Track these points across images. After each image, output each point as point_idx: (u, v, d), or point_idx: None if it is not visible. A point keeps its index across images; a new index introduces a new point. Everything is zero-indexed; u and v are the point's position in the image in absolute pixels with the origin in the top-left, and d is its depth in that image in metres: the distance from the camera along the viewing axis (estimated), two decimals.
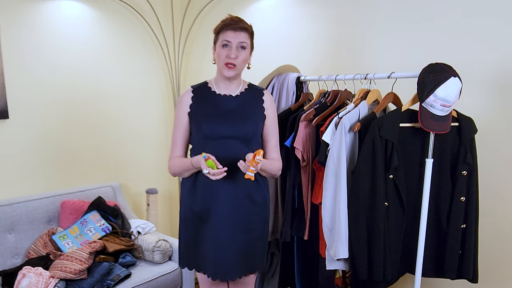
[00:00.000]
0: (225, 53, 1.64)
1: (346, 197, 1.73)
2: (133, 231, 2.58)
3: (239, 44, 1.64)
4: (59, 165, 2.68)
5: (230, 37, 1.63)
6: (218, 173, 1.56)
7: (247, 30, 1.65)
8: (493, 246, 1.92)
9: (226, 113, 1.71)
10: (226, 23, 1.64)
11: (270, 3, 2.66)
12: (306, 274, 2.16)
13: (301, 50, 2.52)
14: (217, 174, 1.56)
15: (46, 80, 2.58)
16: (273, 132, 1.80)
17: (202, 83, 1.80)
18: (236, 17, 1.67)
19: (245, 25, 1.65)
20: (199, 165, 1.61)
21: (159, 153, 3.23)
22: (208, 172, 1.56)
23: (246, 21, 1.68)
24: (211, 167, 1.57)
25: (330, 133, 1.79)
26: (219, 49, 1.66)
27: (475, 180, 1.74)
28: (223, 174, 1.57)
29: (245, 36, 1.65)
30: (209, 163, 1.56)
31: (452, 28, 1.92)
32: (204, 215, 1.70)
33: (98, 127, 2.86)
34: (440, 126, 1.61)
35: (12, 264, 2.28)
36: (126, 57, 2.97)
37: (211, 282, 1.85)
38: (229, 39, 1.63)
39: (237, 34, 1.63)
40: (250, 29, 1.68)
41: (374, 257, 1.70)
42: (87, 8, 2.73)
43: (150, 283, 2.31)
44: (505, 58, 1.79)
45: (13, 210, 2.34)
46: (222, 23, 1.66)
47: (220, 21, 1.68)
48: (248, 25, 1.67)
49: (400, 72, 1.78)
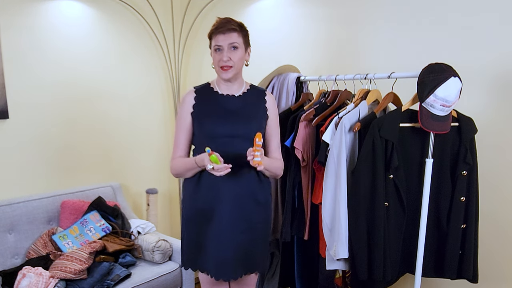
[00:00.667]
0: (218, 58, 1.66)
1: (346, 197, 1.73)
2: (133, 231, 2.58)
3: (230, 45, 1.64)
4: (59, 165, 2.68)
5: (220, 40, 1.64)
6: (223, 168, 1.54)
7: (236, 30, 1.65)
8: (493, 246, 1.92)
9: (229, 113, 1.71)
10: (215, 27, 1.65)
11: (270, 3, 2.66)
12: (306, 274, 2.16)
13: (301, 50, 2.52)
14: (222, 169, 1.54)
15: (46, 80, 2.58)
16: (275, 133, 1.80)
17: (204, 84, 1.80)
18: (225, 18, 1.67)
19: (233, 26, 1.64)
20: (203, 163, 1.60)
21: (159, 153, 3.24)
22: (212, 168, 1.54)
23: (236, 20, 1.67)
24: (215, 163, 1.55)
25: (330, 133, 1.79)
26: (213, 53, 1.68)
27: (475, 180, 1.74)
28: (228, 170, 1.55)
29: (235, 36, 1.65)
30: (212, 158, 1.54)
31: (452, 28, 1.92)
32: (207, 214, 1.71)
33: (98, 127, 2.86)
34: (440, 126, 1.61)
35: (12, 264, 2.28)
36: (125, 57, 2.97)
37: (212, 282, 1.85)
38: (219, 43, 1.64)
39: (226, 36, 1.63)
40: (240, 27, 1.67)
41: (374, 257, 1.70)
42: (87, 8, 2.73)
43: (150, 283, 2.31)
44: (505, 58, 1.79)
45: (13, 210, 2.34)
46: (213, 27, 1.67)
47: (212, 25, 1.68)
48: (237, 24, 1.66)
49: (400, 72, 1.79)
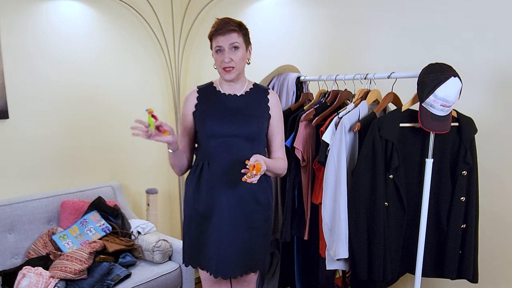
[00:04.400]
0: (220, 59, 1.66)
1: (346, 197, 1.73)
2: (133, 231, 2.58)
3: (231, 46, 1.64)
4: (59, 165, 2.68)
5: (221, 41, 1.64)
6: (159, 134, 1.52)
7: (236, 30, 1.65)
8: (493, 246, 1.92)
9: (230, 112, 1.72)
10: (215, 29, 1.65)
11: (270, 3, 2.66)
12: (306, 274, 2.16)
13: (301, 50, 2.53)
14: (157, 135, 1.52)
15: (47, 80, 2.58)
16: (278, 131, 1.80)
17: (208, 84, 1.81)
18: (223, 19, 1.67)
19: (232, 26, 1.65)
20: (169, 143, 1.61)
21: (159, 153, 3.23)
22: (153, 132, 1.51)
23: (235, 20, 1.67)
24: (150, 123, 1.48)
25: (330, 133, 1.79)
26: (214, 55, 1.69)
27: (475, 180, 1.74)
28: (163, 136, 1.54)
29: (236, 36, 1.65)
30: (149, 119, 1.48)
31: (452, 28, 1.92)
32: (207, 213, 1.71)
33: (98, 127, 2.86)
34: (440, 126, 1.61)
35: (12, 264, 2.28)
36: (126, 57, 2.97)
37: (213, 281, 1.86)
38: (220, 44, 1.64)
39: (226, 37, 1.63)
40: (239, 27, 1.67)
41: (374, 257, 1.70)
42: (87, 8, 2.73)
43: (150, 283, 2.31)
44: (505, 58, 1.79)
45: (13, 210, 2.34)
46: (212, 29, 1.67)
47: (211, 26, 1.69)
48: (236, 24, 1.66)
49: (400, 72, 1.79)
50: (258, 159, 1.54)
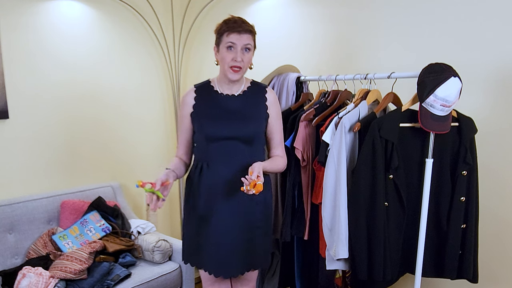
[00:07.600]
0: (231, 56, 1.62)
1: (346, 197, 1.73)
2: (133, 231, 2.58)
3: (244, 46, 1.63)
4: (59, 165, 2.68)
5: (235, 39, 1.61)
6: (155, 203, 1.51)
7: (251, 32, 1.65)
8: (493, 246, 1.92)
9: (227, 114, 1.71)
10: (229, 25, 1.62)
11: (270, 3, 2.66)
12: (306, 274, 2.16)
13: (301, 50, 2.52)
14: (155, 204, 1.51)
15: (46, 80, 2.58)
16: (276, 129, 1.80)
17: (205, 82, 1.80)
18: (239, 18, 1.65)
19: (249, 27, 1.64)
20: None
21: (159, 153, 3.23)
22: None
23: (248, 21, 1.67)
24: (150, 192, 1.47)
25: (330, 133, 1.79)
26: (223, 51, 1.64)
27: (475, 180, 1.74)
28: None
29: (249, 37, 1.64)
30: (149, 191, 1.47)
31: (452, 28, 1.92)
32: (206, 213, 1.71)
33: (98, 127, 2.86)
34: (440, 126, 1.61)
35: (12, 264, 2.28)
36: (126, 57, 2.97)
37: (214, 279, 1.86)
38: (234, 41, 1.61)
39: (242, 36, 1.61)
40: (253, 29, 1.67)
41: (374, 257, 1.70)
42: (87, 8, 2.73)
43: (150, 283, 2.31)
44: (505, 58, 1.79)
45: (13, 210, 2.34)
46: (226, 25, 1.63)
47: (222, 21, 1.66)
48: (251, 26, 1.66)
49: (400, 72, 1.78)
50: (258, 169, 1.53)
